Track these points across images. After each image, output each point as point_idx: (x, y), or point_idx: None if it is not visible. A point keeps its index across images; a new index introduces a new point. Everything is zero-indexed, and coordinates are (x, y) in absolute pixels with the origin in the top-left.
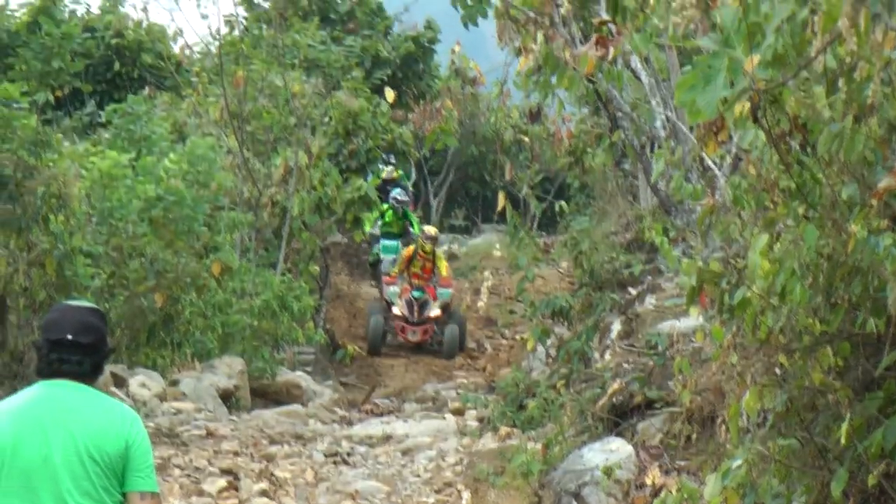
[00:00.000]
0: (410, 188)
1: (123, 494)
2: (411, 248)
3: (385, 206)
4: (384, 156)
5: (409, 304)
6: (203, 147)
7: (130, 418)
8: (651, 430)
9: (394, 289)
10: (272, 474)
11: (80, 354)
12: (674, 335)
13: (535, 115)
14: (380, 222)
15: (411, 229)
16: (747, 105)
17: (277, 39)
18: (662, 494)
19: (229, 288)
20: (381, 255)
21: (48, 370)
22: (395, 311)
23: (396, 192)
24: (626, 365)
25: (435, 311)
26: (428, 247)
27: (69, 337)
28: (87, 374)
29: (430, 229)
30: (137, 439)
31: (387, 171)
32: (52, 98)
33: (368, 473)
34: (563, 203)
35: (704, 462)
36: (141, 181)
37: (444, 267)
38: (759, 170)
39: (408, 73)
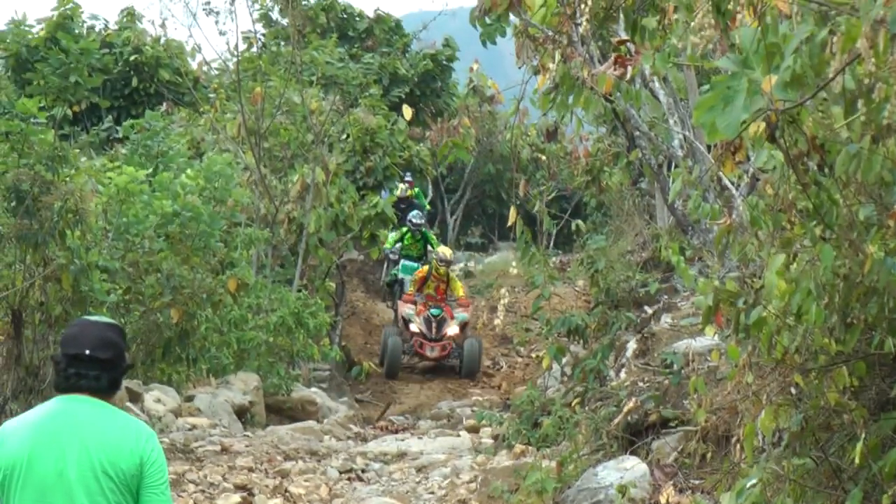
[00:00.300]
0: (426, 206)
1: None
2: (425, 268)
3: (404, 228)
4: (401, 173)
5: (428, 322)
6: (220, 163)
7: (146, 435)
8: (666, 449)
9: (409, 309)
10: (286, 490)
11: (97, 370)
12: (689, 354)
13: (552, 134)
14: (399, 244)
15: (431, 250)
16: (763, 125)
17: (295, 56)
18: None
19: (245, 304)
20: (401, 276)
21: (66, 385)
22: (413, 328)
23: (413, 215)
24: (641, 383)
25: (453, 330)
26: (442, 269)
27: (87, 352)
28: (105, 390)
29: (445, 251)
30: (152, 456)
31: (401, 189)
32: (69, 113)
33: (383, 490)
34: (579, 222)
35: (719, 481)
36: (158, 197)
37: (459, 288)
38: (776, 190)
39: (425, 90)
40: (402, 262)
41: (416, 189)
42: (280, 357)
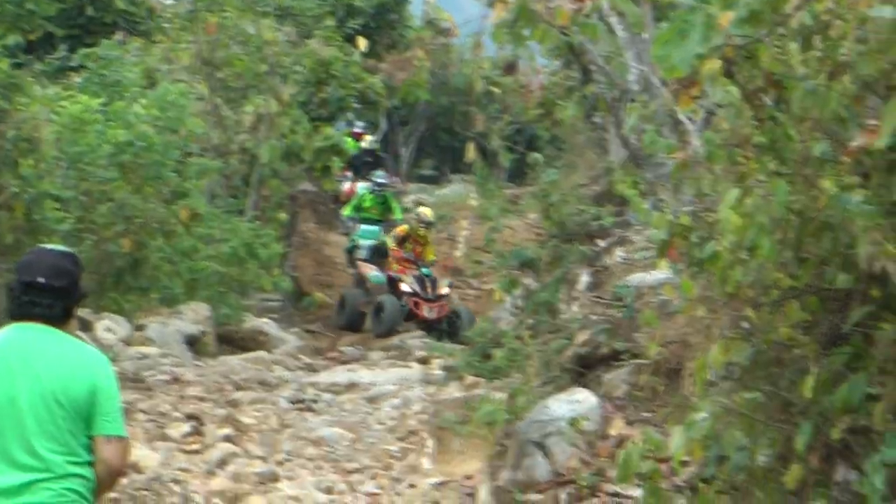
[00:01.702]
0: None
1: (91, 438)
2: (405, 227)
3: (364, 191)
4: (358, 124)
5: (421, 281)
6: (174, 93)
7: (98, 362)
8: (617, 382)
9: (375, 273)
10: (237, 420)
11: (51, 298)
12: (642, 288)
13: (511, 67)
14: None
15: (392, 216)
16: (720, 62)
17: None
18: (627, 446)
19: (197, 234)
20: (359, 241)
21: (19, 312)
22: (405, 288)
23: (378, 175)
24: (593, 317)
25: (445, 289)
26: (422, 231)
27: (41, 280)
28: (58, 318)
29: (427, 212)
30: (105, 383)
31: (368, 141)
32: (23, 41)
33: (333, 421)
34: (537, 155)
35: (669, 414)
36: (111, 126)
37: (432, 252)
38: (731, 125)
39: (381, 22)
40: (361, 226)
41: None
42: (231, 287)
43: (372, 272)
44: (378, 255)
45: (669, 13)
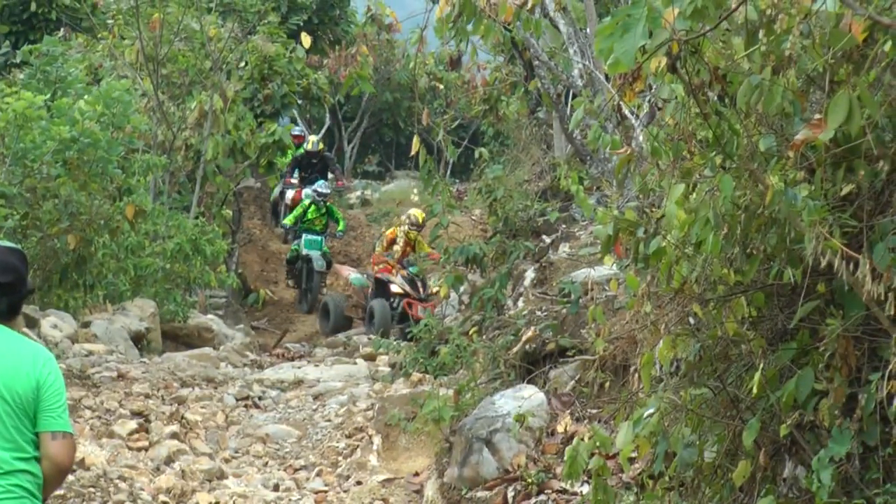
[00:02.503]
0: (337, 166)
1: (37, 434)
2: (395, 230)
3: (307, 201)
4: (296, 128)
5: (411, 281)
6: (118, 89)
7: (43, 358)
8: (563, 378)
9: (356, 275)
10: (183, 417)
11: None
12: (588, 283)
13: (455, 62)
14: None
15: (336, 226)
16: (663, 58)
17: None
18: (574, 442)
19: (142, 231)
20: (305, 251)
21: None
22: (395, 288)
23: (319, 185)
24: (539, 313)
25: (435, 287)
26: (412, 234)
27: None
28: (3, 314)
29: (418, 214)
30: (49, 379)
31: (312, 143)
32: None
33: (279, 417)
34: (483, 150)
35: (617, 410)
36: (56, 122)
37: (425, 245)
38: (676, 120)
39: (324, 18)
40: (305, 236)
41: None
42: (177, 284)
43: (353, 274)
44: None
45: (612, 8)
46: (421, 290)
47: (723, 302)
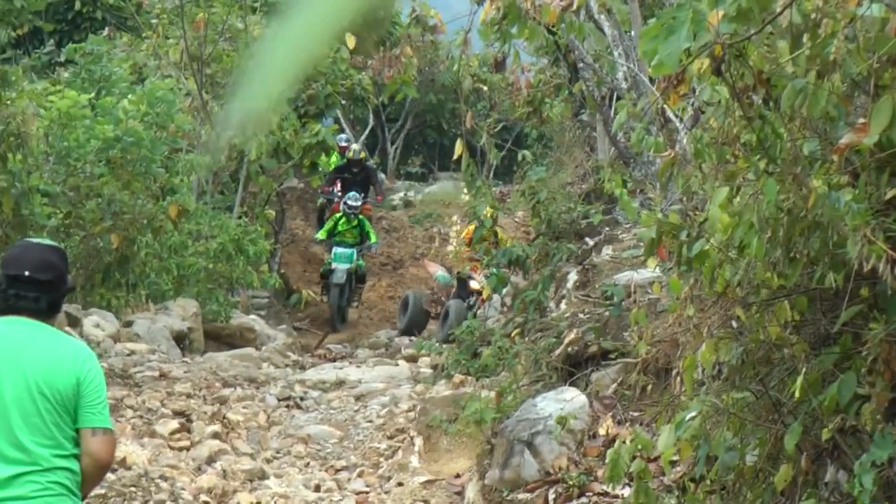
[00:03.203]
0: (379, 175)
1: (77, 431)
2: (471, 228)
3: (338, 214)
4: (341, 137)
5: None
6: (162, 89)
7: (83, 355)
8: (605, 381)
9: (442, 273)
10: (225, 417)
11: (37, 291)
12: (631, 286)
13: (500, 64)
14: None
15: (368, 240)
16: (707, 61)
17: None
18: (615, 445)
19: (185, 230)
20: (335, 265)
21: (5, 306)
22: (474, 285)
23: (349, 197)
24: (581, 315)
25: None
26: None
27: (27, 273)
28: (44, 312)
29: (489, 214)
30: (89, 376)
31: (353, 151)
32: (12, 36)
33: (321, 418)
34: (525, 152)
35: (658, 413)
36: (99, 122)
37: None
38: (720, 123)
39: (368, 18)
40: (335, 249)
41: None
42: (219, 284)
43: (439, 272)
44: (356, 280)
45: (657, 11)
46: None
47: (766, 306)
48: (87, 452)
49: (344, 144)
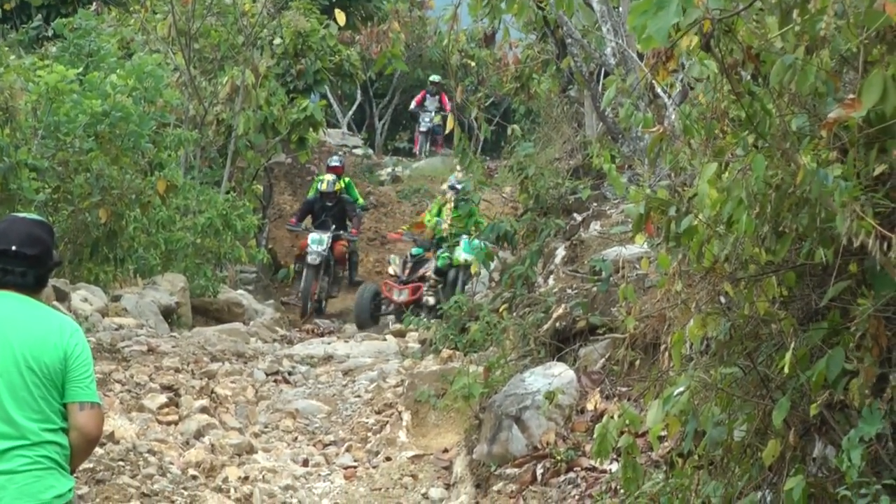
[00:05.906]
0: (359, 201)
1: (64, 405)
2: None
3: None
4: (340, 159)
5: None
6: (150, 64)
7: (70, 329)
8: (593, 356)
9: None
10: (213, 391)
11: (24, 266)
12: (619, 262)
13: (490, 39)
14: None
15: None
16: (696, 36)
17: None
18: (603, 420)
19: (173, 205)
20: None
21: None
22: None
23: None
24: (569, 290)
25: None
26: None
27: (14, 248)
28: (31, 286)
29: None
30: (76, 350)
31: (327, 182)
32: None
33: (309, 393)
34: (515, 127)
35: (646, 389)
36: (88, 96)
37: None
38: (709, 99)
39: None
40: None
41: (347, 179)
42: (207, 259)
43: (413, 248)
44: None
45: None
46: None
47: (754, 281)
48: (75, 427)
49: (336, 165)
